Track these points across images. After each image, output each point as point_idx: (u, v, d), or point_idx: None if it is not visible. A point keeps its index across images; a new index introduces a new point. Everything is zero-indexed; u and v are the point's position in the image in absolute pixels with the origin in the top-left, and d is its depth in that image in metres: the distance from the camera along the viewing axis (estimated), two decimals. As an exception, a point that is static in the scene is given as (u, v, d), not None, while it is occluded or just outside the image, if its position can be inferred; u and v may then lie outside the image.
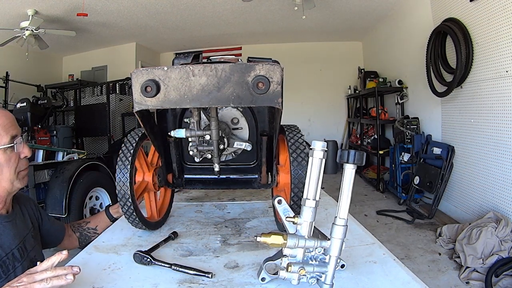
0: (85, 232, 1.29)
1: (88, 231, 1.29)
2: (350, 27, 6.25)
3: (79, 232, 1.29)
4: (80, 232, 1.29)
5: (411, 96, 4.87)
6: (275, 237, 0.70)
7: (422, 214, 3.80)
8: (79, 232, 1.29)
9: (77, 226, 1.30)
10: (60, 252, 0.71)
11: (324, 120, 7.48)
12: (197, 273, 0.83)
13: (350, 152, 0.66)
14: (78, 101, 5.98)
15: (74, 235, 1.28)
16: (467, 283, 2.42)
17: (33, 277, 0.68)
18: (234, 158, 1.23)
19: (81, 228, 1.30)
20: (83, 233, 1.29)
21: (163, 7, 4.93)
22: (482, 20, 3.08)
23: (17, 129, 0.95)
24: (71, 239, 1.26)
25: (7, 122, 0.93)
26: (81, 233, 1.29)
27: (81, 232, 1.29)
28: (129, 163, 1.00)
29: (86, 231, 1.29)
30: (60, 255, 0.70)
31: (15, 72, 5.58)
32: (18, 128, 0.96)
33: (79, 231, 1.29)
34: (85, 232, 1.29)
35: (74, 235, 1.28)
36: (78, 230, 1.29)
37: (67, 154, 3.78)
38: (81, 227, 1.30)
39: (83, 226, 1.30)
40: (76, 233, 1.28)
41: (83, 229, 1.29)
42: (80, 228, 1.30)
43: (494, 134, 3.04)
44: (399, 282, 0.80)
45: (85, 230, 1.29)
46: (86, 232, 1.29)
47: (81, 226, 1.30)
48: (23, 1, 4.30)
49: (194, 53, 0.87)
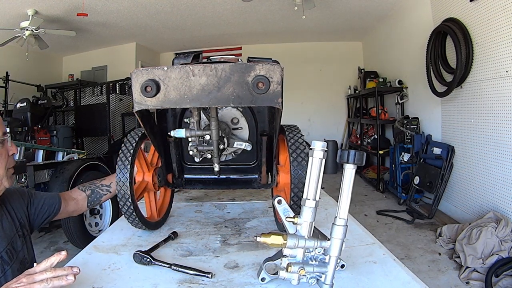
0: (97, 190, 1.23)
1: (101, 188, 1.23)
2: (350, 27, 6.25)
3: (90, 190, 1.23)
4: (91, 190, 1.23)
5: (411, 96, 4.87)
6: (275, 237, 0.70)
7: (422, 214, 3.80)
8: (90, 190, 1.23)
9: (89, 185, 1.25)
10: (59, 253, 0.70)
11: (324, 120, 7.48)
12: (197, 273, 0.83)
13: (350, 152, 0.66)
14: (78, 101, 5.99)
15: (83, 195, 1.21)
16: (467, 283, 2.42)
17: (33, 278, 0.67)
18: (234, 158, 1.23)
19: (94, 185, 1.24)
20: (95, 190, 1.23)
21: (163, 7, 4.93)
22: (482, 20, 3.08)
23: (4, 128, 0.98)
24: (77, 201, 1.20)
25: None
26: (92, 191, 1.23)
27: (92, 189, 1.23)
28: (129, 163, 1.00)
29: (98, 188, 1.23)
30: (59, 255, 0.70)
31: (15, 72, 5.58)
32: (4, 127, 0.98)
33: (91, 188, 1.23)
34: (98, 189, 1.23)
35: (83, 195, 1.21)
36: (89, 188, 1.23)
37: (67, 154, 3.78)
38: (93, 184, 1.24)
39: (97, 183, 1.25)
40: (86, 191, 1.22)
41: (95, 186, 1.24)
42: (92, 185, 1.24)
43: (494, 134, 3.04)
44: (399, 282, 0.80)
45: (98, 187, 1.24)
46: (98, 190, 1.23)
47: (94, 183, 1.25)
48: (23, 1, 4.29)
49: (194, 53, 0.87)
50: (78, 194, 1.21)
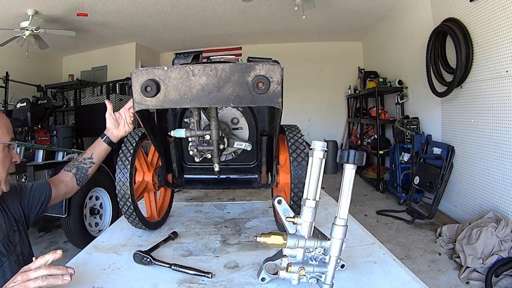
0: (81, 165, 1.18)
1: (84, 162, 1.18)
2: (350, 27, 6.25)
3: (75, 167, 1.18)
4: (76, 167, 1.18)
5: (411, 96, 4.87)
6: (275, 237, 0.70)
7: (422, 214, 3.80)
8: (75, 167, 1.18)
9: (72, 163, 1.20)
10: (55, 251, 0.71)
11: (324, 120, 7.48)
12: (197, 273, 0.83)
13: (350, 152, 0.66)
14: (78, 101, 5.99)
15: (70, 174, 1.18)
16: (467, 283, 2.41)
17: (27, 275, 0.68)
18: (234, 158, 1.23)
19: (77, 162, 1.19)
20: (79, 166, 1.18)
21: (163, 7, 4.93)
22: (482, 20, 3.08)
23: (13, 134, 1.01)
24: (66, 183, 1.17)
25: (9, 125, 0.99)
26: (77, 167, 1.18)
27: (77, 166, 1.18)
28: (129, 163, 1.00)
29: (82, 163, 1.18)
30: (55, 254, 0.71)
31: (15, 72, 5.58)
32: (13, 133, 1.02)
33: (75, 166, 1.19)
34: (81, 164, 1.18)
35: (70, 174, 1.18)
36: (73, 166, 1.19)
37: (67, 154, 3.78)
38: (76, 161, 1.20)
39: (79, 159, 1.20)
40: (72, 170, 1.18)
41: (79, 162, 1.19)
42: (75, 163, 1.19)
43: (494, 134, 3.04)
44: (399, 282, 0.80)
45: (81, 162, 1.18)
46: (82, 165, 1.18)
47: (77, 160, 1.20)
48: (23, 1, 4.29)
49: (194, 53, 0.87)
50: (65, 176, 1.18)
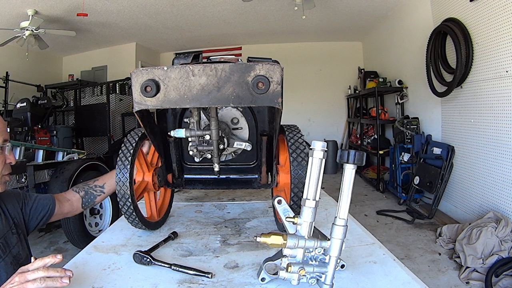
0: (91, 191, 1.22)
1: (94, 189, 1.22)
2: (350, 27, 6.25)
3: (84, 191, 1.22)
4: (85, 191, 1.22)
5: (411, 96, 4.87)
6: (275, 237, 0.70)
7: (422, 214, 3.80)
8: (84, 191, 1.22)
9: (82, 185, 1.23)
10: (55, 255, 0.70)
11: (324, 120, 7.48)
12: (197, 273, 0.83)
13: (350, 152, 0.66)
14: (78, 101, 5.98)
15: (77, 196, 1.20)
16: (467, 283, 2.41)
17: (25, 277, 0.67)
18: (234, 158, 1.23)
19: (88, 186, 1.23)
20: (89, 191, 1.22)
21: (163, 7, 4.93)
22: (482, 20, 3.08)
23: (7, 136, 1.00)
24: (72, 203, 1.19)
25: (1, 125, 0.97)
26: (86, 192, 1.22)
27: (86, 190, 1.22)
28: (129, 163, 1.00)
29: (92, 189, 1.22)
30: (55, 258, 0.69)
31: (15, 72, 5.58)
32: (8, 134, 1.00)
33: (84, 190, 1.22)
34: (91, 190, 1.22)
35: (77, 196, 1.20)
36: (83, 189, 1.22)
37: (67, 154, 3.78)
38: (87, 185, 1.23)
39: (90, 184, 1.23)
40: (80, 193, 1.21)
41: (89, 187, 1.22)
42: (86, 187, 1.23)
43: (494, 134, 3.04)
44: (399, 282, 0.80)
45: (91, 188, 1.22)
46: (92, 191, 1.22)
47: (88, 184, 1.23)
48: (23, 1, 4.29)
49: (194, 53, 0.87)
50: (72, 196, 1.20)
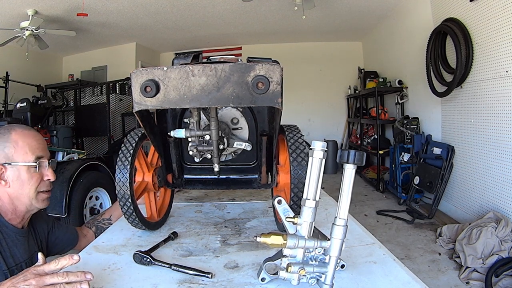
0: (100, 225, 1.33)
1: (103, 222, 1.34)
2: (350, 27, 6.25)
3: (94, 226, 1.33)
4: (96, 226, 1.33)
5: (411, 96, 4.87)
6: (275, 237, 0.70)
7: (422, 214, 3.80)
8: (94, 226, 1.33)
9: (92, 221, 1.36)
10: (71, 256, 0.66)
11: (324, 120, 7.48)
12: (197, 273, 0.83)
13: (350, 152, 0.66)
14: (78, 101, 5.98)
15: (90, 232, 1.32)
16: (467, 283, 2.41)
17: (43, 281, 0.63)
18: (234, 158, 1.23)
19: (96, 221, 1.35)
20: (99, 225, 1.33)
21: (163, 7, 4.93)
22: (482, 20, 3.08)
23: (44, 152, 1.02)
24: (88, 237, 1.29)
25: (35, 143, 1.00)
26: (96, 226, 1.33)
27: (96, 225, 1.33)
28: (129, 163, 1.00)
29: (101, 223, 1.34)
30: (71, 260, 0.66)
31: (15, 72, 5.58)
32: (46, 152, 1.02)
33: (95, 224, 1.34)
34: (100, 224, 1.33)
35: (90, 232, 1.32)
36: (93, 224, 1.34)
37: (67, 154, 3.78)
38: (96, 221, 1.35)
39: (98, 219, 1.35)
40: (92, 228, 1.33)
41: (98, 222, 1.34)
42: (95, 222, 1.35)
43: (494, 134, 3.04)
44: (399, 282, 0.79)
45: (100, 222, 1.34)
46: (101, 225, 1.33)
47: (96, 220, 1.35)
48: (23, 1, 4.29)
49: (194, 53, 0.87)
50: (87, 231, 1.33)
